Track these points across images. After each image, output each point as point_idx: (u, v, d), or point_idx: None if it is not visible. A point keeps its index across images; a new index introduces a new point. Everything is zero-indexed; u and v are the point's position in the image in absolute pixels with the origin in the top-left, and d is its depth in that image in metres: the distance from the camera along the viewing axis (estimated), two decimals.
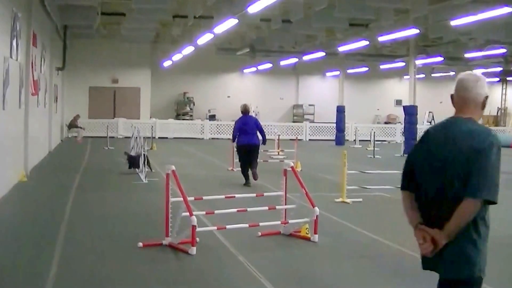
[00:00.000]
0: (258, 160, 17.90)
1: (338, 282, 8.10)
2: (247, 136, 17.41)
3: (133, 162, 19.42)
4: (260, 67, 45.17)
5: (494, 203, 4.43)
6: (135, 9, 24.76)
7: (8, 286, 7.71)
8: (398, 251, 9.74)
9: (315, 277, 8.30)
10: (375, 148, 29.96)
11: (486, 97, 4.70)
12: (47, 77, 25.05)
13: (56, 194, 14.99)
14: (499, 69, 43.94)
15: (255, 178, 17.23)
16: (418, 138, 4.84)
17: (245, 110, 17.99)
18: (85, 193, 15.31)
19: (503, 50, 33.45)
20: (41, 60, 22.02)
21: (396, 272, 8.62)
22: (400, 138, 34.32)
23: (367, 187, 16.02)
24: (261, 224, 10.20)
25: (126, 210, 13.02)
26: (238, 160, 18.34)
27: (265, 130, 18.61)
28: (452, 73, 48.28)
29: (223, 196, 10.98)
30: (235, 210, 10.24)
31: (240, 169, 17.96)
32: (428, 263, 4.74)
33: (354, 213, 13.26)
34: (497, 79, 50.47)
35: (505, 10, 19.94)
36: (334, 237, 10.70)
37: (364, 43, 29.62)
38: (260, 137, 17.94)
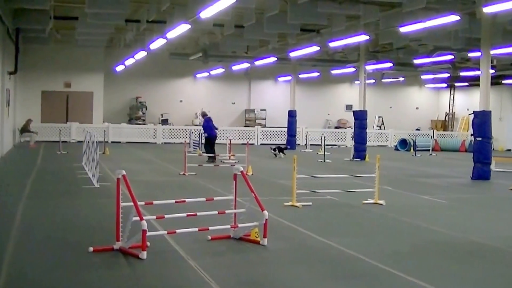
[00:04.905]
0: None
1: (288, 286, 8.21)
2: None
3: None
4: (213, 72, 45.20)
5: None
6: (89, 14, 24.70)
7: None
8: (347, 254, 9.93)
9: (265, 280, 8.40)
10: (326, 153, 30.28)
11: None
12: None
13: (7, 200, 14.89)
14: (447, 75, 44.69)
15: None
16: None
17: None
18: (37, 199, 15.22)
19: (451, 57, 34.06)
20: None
21: (345, 275, 8.79)
22: (350, 143, 34.66)
23: (317, 191, 16.22)
24: (211, 228, 10.30)
25: (77, 215, 12.99)
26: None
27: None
28: (401, 79, 48.98)
29: (173, 201, 11.05)
30: (185, 214, 10.33)
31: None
32: None
33: (304, 216, 13.41)
34: (445, 85, 51.29)
35: (452, 18, 20.40)
36: (283, 240, 10.83)
37: (315, 48, 29.89)
38: None
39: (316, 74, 46.19)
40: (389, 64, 37.79)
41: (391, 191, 18.16)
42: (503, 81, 43.87)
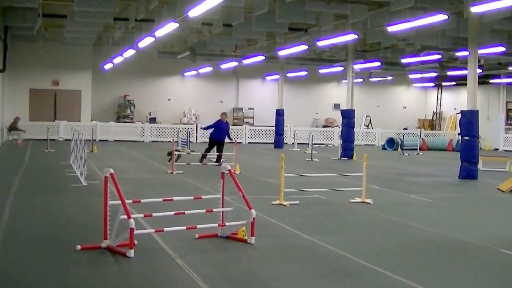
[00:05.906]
0: None
1: (275, 284, 8.22)
2: None
3: None
4: (201, 71, 45.17)
5: None
6: (77, 12, 24.65)
7: None
8: (334, 252, 9.97)
9: (251, 278, 8.43)
10: (313, 151, 30.30)
11: None
12: None
13: None
14: (434, 74, 44.83)
15: None
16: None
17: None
18: (24, 197, 15.19)
19: (439, 56, 34.19)
20: None
21: (332, 273, 8.81)
22: (337, 142, 34.72)
23: (305, 189, 16.27)
24: (198, 226, 10.30)
25: (65, 213, 12.97)
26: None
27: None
28: (389, 78, 49.08)
29: (161, 199, 11.07)
30: (173, 213, 10.35)
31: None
32: None
33: (291, 215, 13.43)
34: (433, 84, 51.48)
35: (440, 17, 20.46)
36: (271, 239, 10.85)
37: (303, 47, 29.92)
38: None
39: (304, 73, 46.22)
40: (377, 63, 37.85)
41: (378, 190, 18.23)
42: (490, 81, 44.10)
